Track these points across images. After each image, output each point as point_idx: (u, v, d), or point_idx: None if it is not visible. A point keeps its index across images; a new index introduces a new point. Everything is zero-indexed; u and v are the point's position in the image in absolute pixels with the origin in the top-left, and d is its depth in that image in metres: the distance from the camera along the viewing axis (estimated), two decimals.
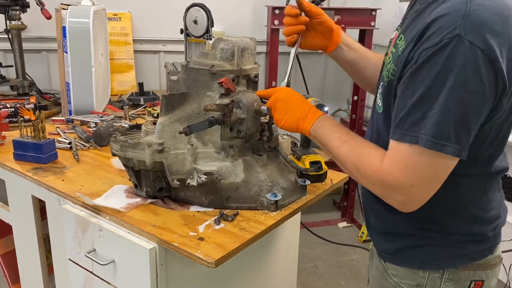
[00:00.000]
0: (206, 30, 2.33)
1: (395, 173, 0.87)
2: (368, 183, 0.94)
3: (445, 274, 1.02)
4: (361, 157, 0.94)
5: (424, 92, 0.83)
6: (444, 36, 0.80)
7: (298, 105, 1.10)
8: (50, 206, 1.35)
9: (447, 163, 0.86)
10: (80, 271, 1.22)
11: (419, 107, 0.84)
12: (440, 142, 0.83)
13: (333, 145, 1.01)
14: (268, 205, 1.17)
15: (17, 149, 1.48)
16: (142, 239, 1.07)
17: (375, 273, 1.14)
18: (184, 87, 1.23)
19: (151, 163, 1.14)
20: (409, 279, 1.04)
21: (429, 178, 0.87)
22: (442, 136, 0.83)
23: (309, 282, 2.59)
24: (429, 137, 0.83)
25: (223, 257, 0.98)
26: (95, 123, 1.83)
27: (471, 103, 0.82)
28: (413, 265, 1.04)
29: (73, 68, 1.93)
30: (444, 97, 0.81)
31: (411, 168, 0.86)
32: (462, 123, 0.82)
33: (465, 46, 0.79)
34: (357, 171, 0.95)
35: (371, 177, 0.92)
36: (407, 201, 0.90)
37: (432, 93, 0.82)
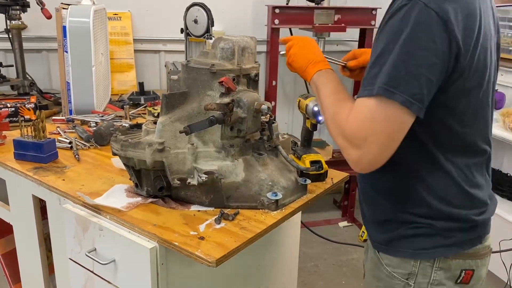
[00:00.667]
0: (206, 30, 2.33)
1: (353, 124, 0.91)
2: (335, 133, 0.98)
3: (436, 263, 1.04)
4: (336, 110, 0.99)
5: (382, 48, 0.89)
6: (403, 1, 0.88)
7: (315, 51, 1.15)
8: (51, 205, 1.35)
9: (401, 117, 0.89)
10: (81, 270, 1.22)
11: (377, 63, 0.90)
12: (390, 89, 0.87)
13: (324, 93, 1.05)
14: (268, 204, 1.17)
15: (17, 148, 1.48)
16: (142, 238, 1.07)
17: (370, 264, 1.16)
18: (184, 87, 1.23)
19: (151, 163, 1.14)
20: (401, 268, 1.07)
21: (384, 133, 0.89)
22: (392, 84, 0.87)
23: (309, 282, 2.59)
24: (380, 85, 0.88)
25: (223, 256, 0.98)
26: (96, 122, 1.83)
27: (422, 57, 0.87)
28: (405, 254, 1.06)
29: (74, 68, 1.93)
30: (396, 51, 0.87)
31: (368, 120, 0.89)
32: (414, 75, 0.87)
33: (420, 7, 0.86)
34: (330, 122, 1.00)
35: (337, 128, 0.96)
36: (361, 157, 0.92)
37: (388, 49, 0.88)
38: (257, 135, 1.29)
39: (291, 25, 2.76)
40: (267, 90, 2.75)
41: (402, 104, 0.87)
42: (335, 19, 2.70)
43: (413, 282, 1.06)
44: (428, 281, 1.05)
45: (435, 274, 1.05)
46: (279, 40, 1.30)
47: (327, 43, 2.91)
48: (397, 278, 1.08)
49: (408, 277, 1.06)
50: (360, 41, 2.92)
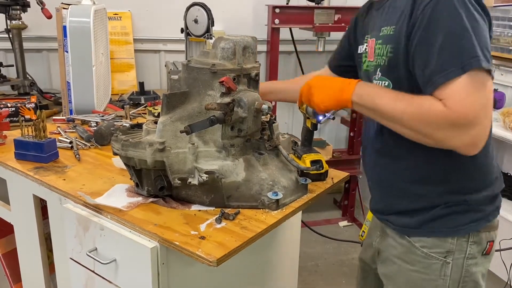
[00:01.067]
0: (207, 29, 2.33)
1: (460, 107, 0.91)
2: (432, 129, 0.96)
3: (470, 238, 1.12)
4: (420, 107, 0.96)
5: (445, 34, 0.94)
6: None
7: (332, 81, 1.14)
8: (52, 205, 1.35)
9: (489, 81, 0.94)
10: (82, 270, 1.22)
11: (446, 47, 0.94)
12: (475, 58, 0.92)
13: (385, 104, 1.02)
14: (269, 204, 1.17)
15: (18, 148, 1.48)
16: (143, 238, 1.07)
17: (398, 251, 1.20)
18: (185, 86, 1.23)
19: (152, 162, 1.14)
20: (439, 247, 1.13)
21: (486, 101, 0.93)
22: (475, 54, 0.92)
23: (310, 281, 2.59)
24: (467, 60, 0.92)
25: (224, 255, 0.98)
26: (96, 122, 1.83)
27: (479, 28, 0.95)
28: (441, 234, 1.12)
29: (74, 68, 1.93)
30: (462, 31, 0.94)
31: (472, 96, 0.92)
32: (483, 46, 0.94)
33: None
34: (419, 122, 0.97)
35: (435, 121, 0.94)
36: (478, 135, 0.93)
37: (451, 32, 0.94)
38: (258, 135, 1.29)
39: (291, 25, 2.76)
40: None
41: (488, 71, 0.93)
42: (335, 18, 2.70)
43: (451, 259, 1.12)
44: (464, 256, 1.12)
45: (470, 248, 1.12)
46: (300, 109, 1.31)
47: (327, 42, 2.91)
48: (434, 258, 1.13)
49: (446, 255, 1.13)
50: None
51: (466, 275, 1.14)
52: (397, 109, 1.00)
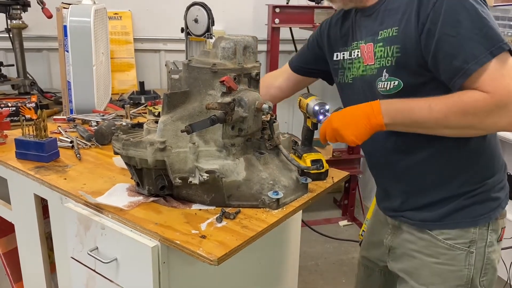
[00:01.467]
0: (207, 29, 2.34)
1: (501, 88, 0.95)
2: (481, 118, 0.98)
3: (490, 226, 1.17)
4: (461, 102, 0.99)
5: (466, 24, 0.97)
6: None
7: (353, 113, 1.10)
8: (53, 204, 1.35)
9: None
10: (83, 269, 1.23)
11: (472, 36, 0.97)
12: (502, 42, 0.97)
13: (423, 115, 1.03)
14: (269, 203, 1.18)
15: (19, 147, 1.48)
16: (144, 237, 1.07)
17: (418, 245, 1.22)
18: (185, 86, 1.23)
19: (153, 162, 1.14)
20: (463, 238, 1.16)
21: None
22: (501, 39, 0.97)
23: (310, 280, 2.60)
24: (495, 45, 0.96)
25: (225, 254, 0.98)
26: (97, 122, 1.83)
27: (491, 16, 1.00)
28: (465, 225, 1.16)
29: (74, 67, 1.94)
30: (481, 18, 0.98)
31: (507, 77, 0.95)
32: (498, 29, 0.99)
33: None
34: (466, 116, 0.99)
35: (482, 109, 0.97)
36: None
37: (474, 20, 0.97)
38: (258, 134, 1.29)
39: (291, 24, 2.76)
40: None
41: (510, 51, 0.98)
42: None
43: (474, 249, 1.16)
44: (485, 244, 1.17)
45: (490, 236, 1.17)
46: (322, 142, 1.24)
47: None
48: (459, 249, 1.16)
49: (470, 244, 1.16)
50: None
51: (488, 262, 1.18)
52: (438, 115, 1.01)
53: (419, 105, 1.04)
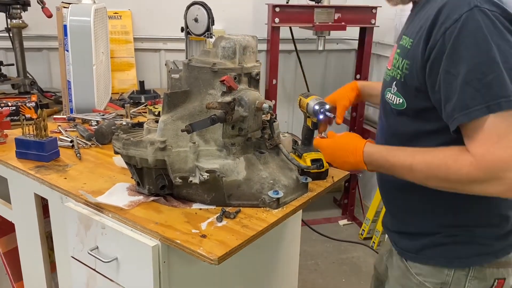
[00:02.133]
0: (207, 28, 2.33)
1: (494, 151, 0.81)
2: (465, 184, 0.86)
3: (471, 272, 1.01)
4: (443, 166, 0.87)
5: (470, 64, 0.83)
6: (462, 11, 0.84)
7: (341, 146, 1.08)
8: (53, 204, 1.36)
9: None
10: (83, 268, 1.23)
11: (471, 81, 0.82)
12: (505, 98, 0.81)
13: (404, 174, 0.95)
14: (270, 202, 1.18)
15: (19, 147, 1.48)
16: (145, 236, 1.07)
17: (396, 273, 1.13)
18: (186, 85, 1.23)
19: (153, 161, 1.15)
20: (434, 277, 1.04)
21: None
22: (506, 93, 0.81)
23: (310, 279, 2.60)
24: (494, 100, 0.81)
25: (225, 254, 0.98)
26: (97, 121, 1.83)
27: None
28: (438, 263, 1.03)
29: (74, 67, 1.93)
30: (490, 61, 0.82)
31: (506, 137, 0.81)
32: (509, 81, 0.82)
33: (486, 13, 0.83)
34: (447, 182, 0.88)
35: (468, 174, 0.84)
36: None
37: (477, 62, 0.82)
38: (258, 134, 1.29)
39: (291, 24, 2.76)
40: (268, 89, 2.76)
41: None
42: (335, 17, 2.70)
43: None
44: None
45: (469, 284, 1.02)
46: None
47: (327, 41, 2.92)
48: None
49: (441, 286, 1.04)
50: (360, 40, 2.93)
51: None
52: (419, 176, 0.92)
53: (401, 161, 0.94)
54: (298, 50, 3.05)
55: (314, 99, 1.34)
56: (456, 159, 0.85)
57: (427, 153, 0.91)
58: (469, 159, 0.84)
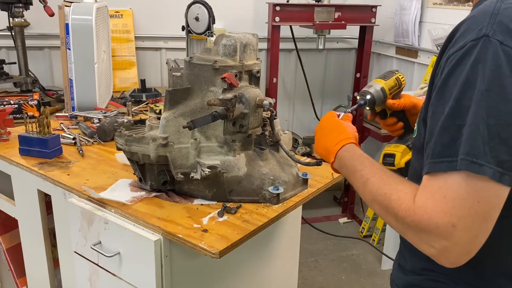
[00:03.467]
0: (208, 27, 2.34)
1: (431, 209, 0.69)
2: (401, 226, 0.76)
3: None
4: (389, 195, 0.77)
5: (454, 106, 0.69)
6: (470, 38, 0.70)
7: (329, 132, 1.01)
8: (56, 200, 1.37)
9: (495, 192, 0.68)
10: (86, 263, 1.24)
11: (450, 126, 0.69)
12: (477, 161, 0.66)
13: (357, 186, 0.88)
14: (270, 198, 1.20)
15: (22, 144, 1.50)
16: (147, 231, 1.09)
17: None
18: (187, 83, 1.25)
19: (155, 157, 1.16)
20: None
21: (475, 214, 0.68)
22: (477, 153, 0.66)
23: (310, 277, 2.61)
24: (462, 156, 0.67)
25: (226, 248, 1.00)
26: (99, 119, 1.85)
27: (509, 113, 0.67)
28: None
29: (76, 65, 1.95)
30: (475, 107, 0.67)
31: (451, 201, 0.68)
32: (501, 138, 0.67)
33: (495, 47, 0.67)
34: (386, 215, 0.79)
35: (403, 218, 0.74)
36: (450, 249, 0.70)
37: (463, 105, 0.68)
38: (259, 131, 1.31)
39: (291, 23, 2.78)
40: (268, 88, 2.77)
41: (493, 178, 0.67)
42: (336, 16, 2.72)
43: None
44: None
45: None
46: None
47: (327, 40, 2.93)
48: None
49: None
50: (360, 39, 2.94)
51: None
52: (367, 195, 0.84)
53: (362, 172, 0.86)
54: (298, 48, 3.07)
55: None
56: (401, 197, 0.75)
57: (386, 178, 0.82)
58: (409, 205, 0.73)
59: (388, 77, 1.15)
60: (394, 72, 1.17)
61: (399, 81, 1.16)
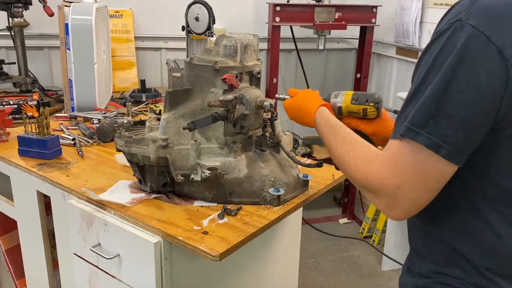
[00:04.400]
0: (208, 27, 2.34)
1: (384, 172, 0.78)
2: (358, 186, 0.87)
3: None
4: (348, 162, 0.88)
5: (420, 82, 0.76)
6: (447, 21, 0.75)
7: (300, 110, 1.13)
8: (55, 201, 1.36)
9: (435, 164, 0.74)
10: (85, 265, 1.24)
11: (412, 100, 0.76)
12: (415, 129, 0.74)
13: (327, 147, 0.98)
14: (270, 200, 1.19)
15: (21, 145, 1.49)
16: (147, 233, 1.08)
17: None
18: (187, 84, 1.24)
19: (155, 159, 1.15)
20: None
21: (415, 181, 0.76)
22: (418, 122, 0.73)
23: (310, 277, 2.61)
24: (405, 124, 0.75)
25: (227, 250, 0.99)
26: (98, 119, 1.84)
27: (463, 93, 0.71)
28: None
29: (76, 65, 1.94)
30: (433, 85, 0.73)
31: (399, 166, 0.76)
32: (448, 114, 0.72)
33: (467, 31, 0.71)
34: (347, 175, 0.89)
35: (359, 180, 0.84)
36: (394, 205, 0.79)
37: (426, 83, 0.74)
38: (259, 132, 1.30)
39: (292, 23, 2.77)
40: (268, 88, 2.77)
41: (429, 148, 0.73)
42: (336, 16, 2.71)
43: None
44: None
45: None
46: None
47: (327, 40, 2.92)
48: None
49: None
50: (361, 39, 2.93)
51: None
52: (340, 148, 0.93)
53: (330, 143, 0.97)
54: (298, 49, 3.06)
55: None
56: (358, 164, 0.85)
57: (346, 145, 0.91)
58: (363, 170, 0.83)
59: (358, 102, 1.11)
60: (368, 102, 1.11)
61: (365, 113, 1.11)
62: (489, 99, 0.72)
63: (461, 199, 0.82)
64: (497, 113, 0.73)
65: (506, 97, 0.72)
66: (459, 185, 0.80)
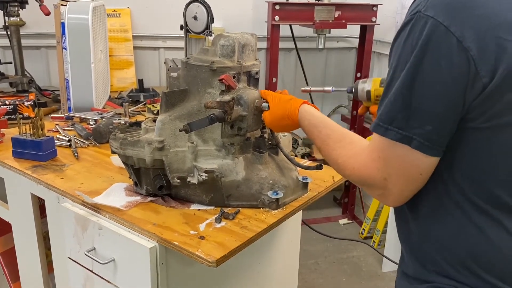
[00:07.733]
0: (206, 26, 2.31)
1: (370, 165, 0.82)
2: (349, 179, 0.91)
3: None
4: (336, 159, 0.92)
5: (390, 77, 0.79)
6: (408, 14, 0.76)
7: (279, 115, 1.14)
8: (50, 204, 1.34)
9: (411, 157, 0.76)
10: (80, 269, 1.21)
11: (385, 95, 0.80)
12: (383, 125, 0.78)
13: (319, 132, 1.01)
14: (269, 203, 1.16)
15: (16, 146, 1.46)
16: (142, 238, 1.06)
17: None
18: (184, 84, 1.22)
19: (151, 161, 1.13)
20: None
21: (399, 173, 0.79)
22: (386, 118, 0.78)
23: (310, 279, 2.58)
24: (376, 120, 0.80)
25: (224, 256, 0.97)
26: (95, 120, 1.81)
27: (427, 86, 0.72)
28: None
29: (72, 65, 1.92)
30: (399, 79, 0.75)
31: (382, 160, 0.80)
32: (414, 108, 0.74)
33: (424, 22, 0.72)
34: (338, 171, 0.93)
35: (349, 176, 0.89)
36: (386, 195, 0.84)
37: (395, 77, 0.77)
38: (258, 133, 1.28)
39: (291, 22, 2.75)
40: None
41: (400, 142, 0.76)
42: (336, 15, 2.69)
43: None
44: None
45: None
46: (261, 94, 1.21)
47: (327, 39, 2.90)
48: None
49: None
50: (361, 38, 2.91)
51: None
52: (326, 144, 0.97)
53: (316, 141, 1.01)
54: (298, 48, 3.03)
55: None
56: (345, 161, 0.89)
57: (332, 143, 0.95)
58: (351, 166, 0.87)
59: None
60: None
61: None
62: (453, 90, 0.72)
63: (445, 196, 0.82)
64: (463, 104, 0.73)
65: (469, 87, 0.72)
66: (441, 180, 0.81)
